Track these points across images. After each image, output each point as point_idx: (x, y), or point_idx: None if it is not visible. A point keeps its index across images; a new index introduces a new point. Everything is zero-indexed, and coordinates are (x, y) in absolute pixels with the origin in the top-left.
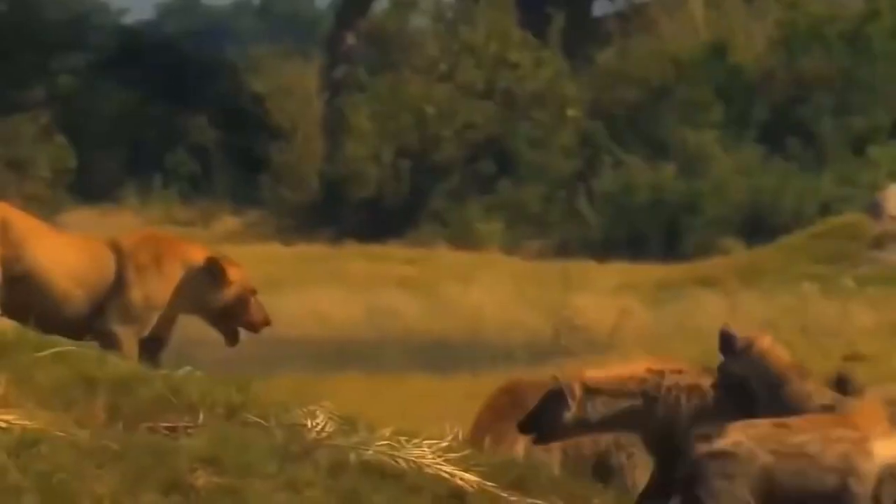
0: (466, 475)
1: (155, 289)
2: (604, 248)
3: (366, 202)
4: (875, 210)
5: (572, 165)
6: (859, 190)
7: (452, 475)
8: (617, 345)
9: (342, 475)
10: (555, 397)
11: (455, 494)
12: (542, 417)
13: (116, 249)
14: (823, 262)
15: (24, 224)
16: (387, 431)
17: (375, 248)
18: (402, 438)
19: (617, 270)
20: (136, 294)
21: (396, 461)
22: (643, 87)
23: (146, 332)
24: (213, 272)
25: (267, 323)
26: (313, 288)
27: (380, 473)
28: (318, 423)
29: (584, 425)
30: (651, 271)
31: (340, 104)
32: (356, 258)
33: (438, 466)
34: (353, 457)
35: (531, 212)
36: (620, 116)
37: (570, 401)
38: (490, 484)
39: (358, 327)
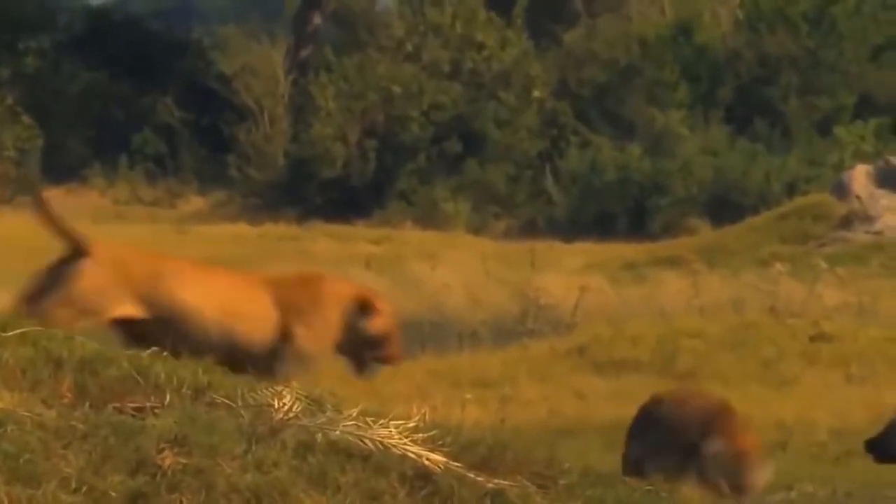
0: (433, 455)
1: (322, 332)
2: (570, 228)
3: (332, 182)
4: (841, 190)
5: (538, 145)
6: (825, 170)
7: (419, 455)
8: (580, 323)
9: (309, 455)
10: None
11: (421, 475)
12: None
13: (272, 291)
14: (790, 242)
15: (181, 266)
16: (354, 412)
17: (341, 228)
18: (369, 419)
19: (583, 250)
20: (306, 341)
21: (363, 441)
22: (609, 68)
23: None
24: (363, 307)
25: (403, 357)
26: (279, 267)
27: (346, 454)
28: (284, 404)
29: None
30: (617, 251)
31: (307, 84)
32: (322, 237)
33: (405, 447)
34: (319, 437)
35: (497, 192)
36: (587, 96)
37: None
38: (456, 464)
39: None
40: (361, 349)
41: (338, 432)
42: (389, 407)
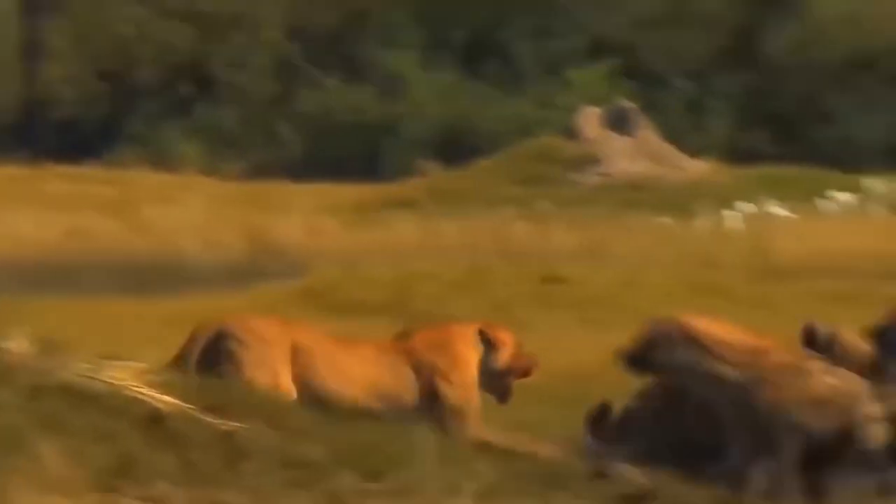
0: (165, 397)
1: (464, 382)
2: (303, 170)
3: (64, 124)
4: (572, 132)
5: (271, 87)
6: (556, 112)
7: (151, 397)
8: (314, 265)
9: (41, 398)
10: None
11: (154, 417)
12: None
13: (409, 358)
14: (521, 185)
15: (315, 345)
16: (86, 354)
17: (74, 170)
18: (102, 361)
19: (316, 192)
20: (453, 397)
21: (96, 384)
22: (342, 10)
23: None
24: (488, 342)
25: (535, 366)
26: (10, 209)
27: (79, 396)
28: (16, 346)
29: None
30: (350, 193)
31: (39, 25)
32: (54, 179)
33: (138, 389)
34: (52, 379)
35: (230, 134)
36: (319, 39)
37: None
38: (189, 406)
39: (56, 249)
40: (499, 380)
41: (71, 375)
42: (124, 351)
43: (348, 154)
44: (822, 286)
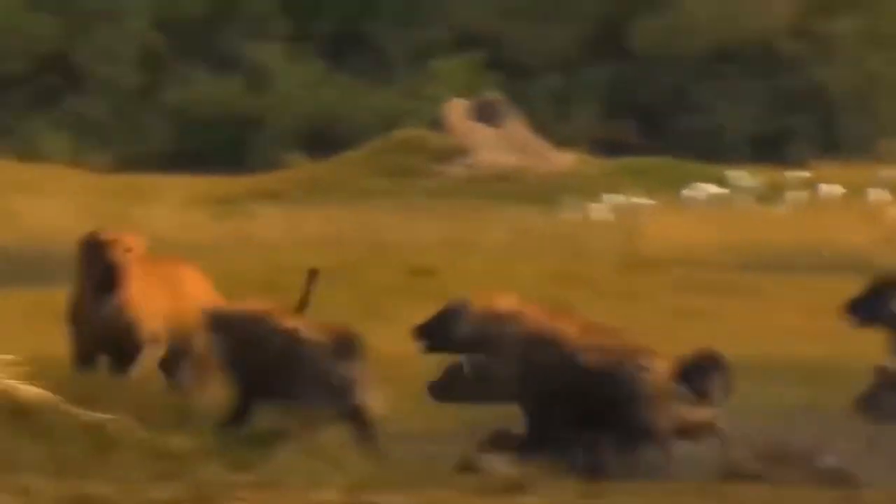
0: (31, 388)
1: None
2: (170, 162)
3: None
4: (438, 124)
5: (137, 79)
6: (423, 104)
7: (15, 388)
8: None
9: None
10: (453, 314)
11: (20, 408)
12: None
13: None
14: (387, 177)
15: None
16: None
17: None
18: None
19: (183, 184)
20: None
21: None
22: (209, 1)
23: None
24: None
25: None
26: None
27: None
28: None
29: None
30: (216, 184)
31: None
32: None
33: (2, 380)
34: None
35: (96, 125)
36: (186, 30)
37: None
38: (56, 397)
39: None
40: None
41: None
42: None
43: (215, 146)
44: (686, 276)
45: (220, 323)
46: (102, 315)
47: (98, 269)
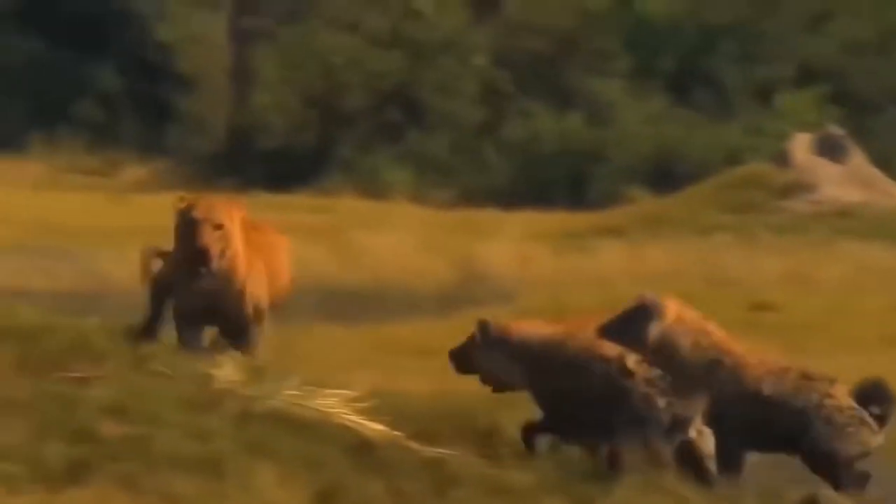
0: (374, 425)
1: None
2: (510, 197)
3: (273, 151)
4: (782, 159)
5: (479, 114)
6: (766, 139)
7: (360, 425)
8: (521, 293)
9: (249, 424)
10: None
11: (362, 444)
12: (464, 351)
13: None
14: (730, 212)
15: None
16: (294, 381)
17: (282, 198)
18: (310, 388)
19: (523, 219)
20: None
21: (304, 411)
22: (550, 37)
23: None
24: None
25: None
26: None
27: (287, 423)
28: (225, 373)
29: (488, 368)
30: (557, 220)
31: (248, 53)
32: (263, 207)
33: (345, 416)
34: (260, 406)
35: (438, 161)
36: (527, 65)
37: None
38: (397, 433)
39: None
40: None
41: (278, 401)
42: (330, 377)
43: (556, 181)
44: None
45: (531, 345)
46: (205, 287)
47: (190, 247)
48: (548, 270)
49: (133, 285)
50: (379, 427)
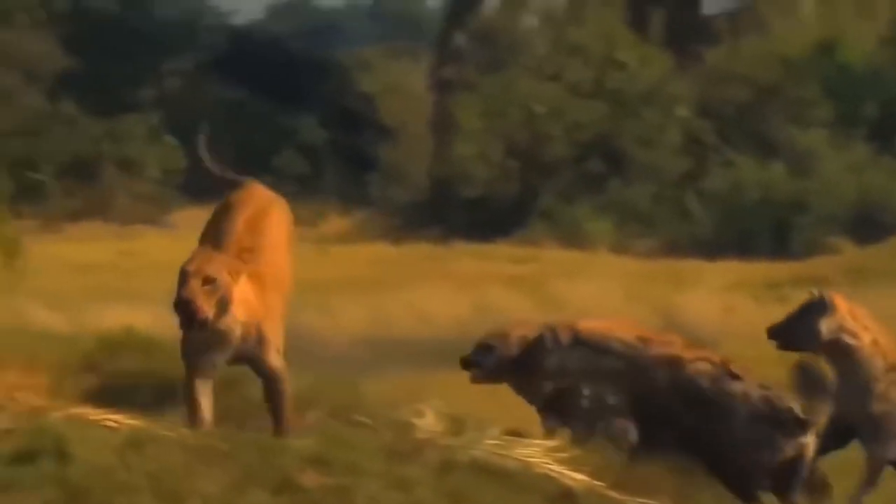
0: (576, 475)
1: None
2: (713, 247)
3: (474, 201)
4: None
5: (681, 164)
6: None
7: (562, 474)
8: (724, 342)
9: (451, 474)
10: (541, 344)
11: (564, 494)
12: (528, 361)
13: None
14: None
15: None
16: (495, 430)
17: (484, 247)
18: (511, 437)
19: (726, 269)
20: None
21: (505, 460)
22: (752, 86)
23: None
24: None
25: None
26: (421, 287)
27: (488, 472)
28: (426, 422)
29: (563, 373)
30: (760, 270)
31: (450, 103)
32: (464, 257)
33: (547, 466)
34: (461, 456)
35: (640, 211)
36: (729, 115)
37: (552, 346)
38: (599, 483)
39: (465, 326)
40: None
41: (480, 451)
42: (530, 426)
43: (758, 230)
44: None
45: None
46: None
47: (175, 300)
48: (749, 320)
49: (334, 337)
50: (580, 477)
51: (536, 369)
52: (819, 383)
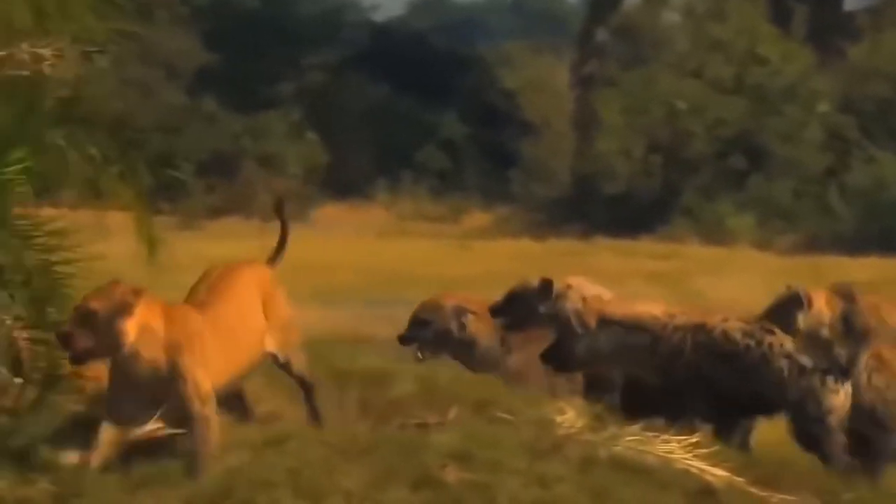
0: (716, 470)
1: None
2: (855, 243)
3: (616, 197)
4: None
5: (823, 160)
6: None
7: (702, 470)
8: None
9: (592, 470)
10: (569, 330)
11: (705, 490)
12: (559, 349)
13: None
14: None
15: None
16: (636, 426)
17: (625, 243)
18: (651, 434)
19: (868, 265)
20: None
21: (645, 456)
22: (894, 82)
23: None
24: None
25: None
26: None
27: (629, 469)
28: (567, 419)
29: (595, 356)
30: None
31: (591, 99)
32: (605, 253)
33: (687, 462)
34: (602, 452)
35: (782, 206)
36: (871, 111)
37: (580, 330)
38: (740, 479)
39: None
40: None
41: (620, 447)
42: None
43: None
44: None
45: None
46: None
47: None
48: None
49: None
50: (721, 473)
51: (570, 357)
52: (857, 333)
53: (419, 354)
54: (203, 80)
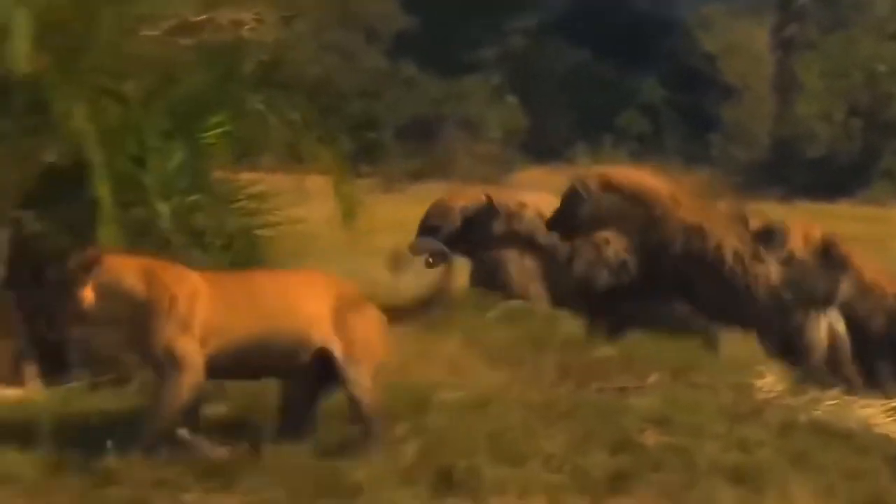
0: None
1: None
2: None
3: (816, 161)
4: None
5: None
6: None
7: None
8: None
9: (791, 435)
10: (574, 196)
11: None
12: (563, 215)
13: None
14: None
15: None
16: (835, 391)
17: (824, 207)
18: (851, 398)
19: None
20: None
21: (845, 421)
22: None
23: None
24: None
25: None
26: None
27: (829, 433)
28: (766, 383)
29: (596, 221)
30: None
31: (791, 63)
32: (807, 216)
33: (888, 427)
34: (802, 416)
35: None
36: None
37: (585, 196)
38: None
39: None
40: None
41: (820, 412)
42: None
43: None
44: None
45: None
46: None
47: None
48: None
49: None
50: None
51: (573, 221)
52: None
53: (429, 260)
54: (403, 44)
